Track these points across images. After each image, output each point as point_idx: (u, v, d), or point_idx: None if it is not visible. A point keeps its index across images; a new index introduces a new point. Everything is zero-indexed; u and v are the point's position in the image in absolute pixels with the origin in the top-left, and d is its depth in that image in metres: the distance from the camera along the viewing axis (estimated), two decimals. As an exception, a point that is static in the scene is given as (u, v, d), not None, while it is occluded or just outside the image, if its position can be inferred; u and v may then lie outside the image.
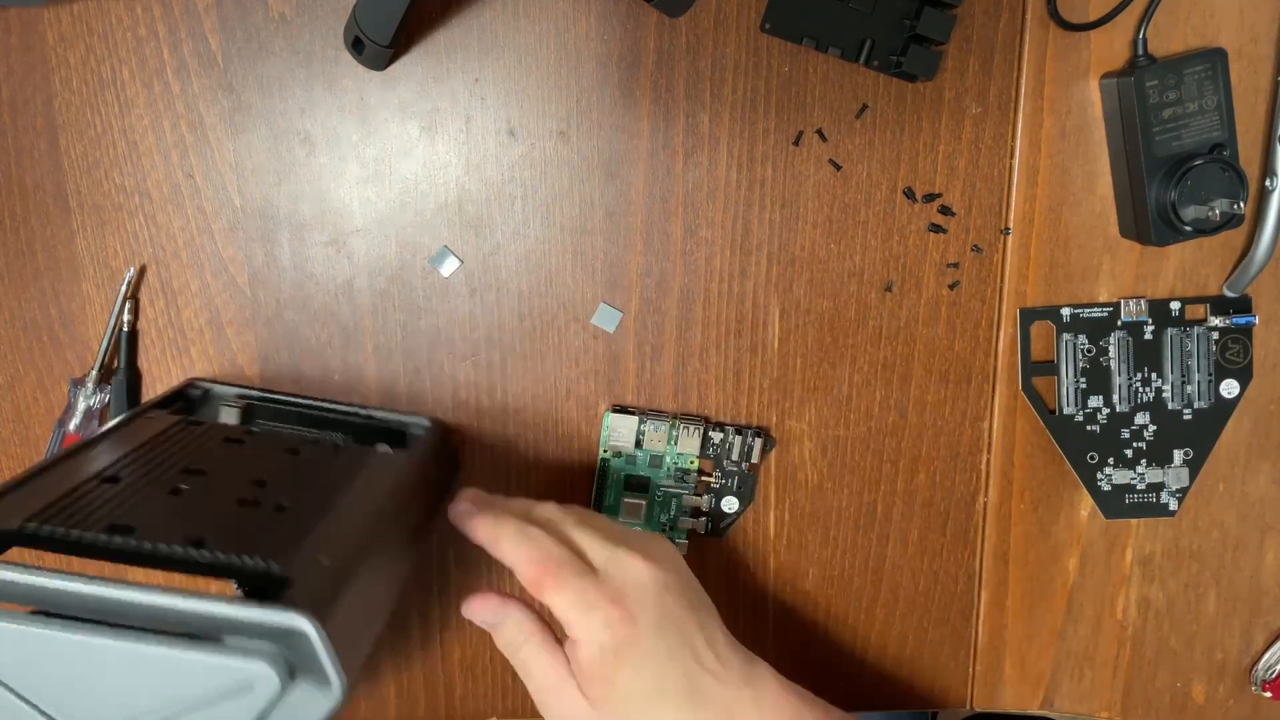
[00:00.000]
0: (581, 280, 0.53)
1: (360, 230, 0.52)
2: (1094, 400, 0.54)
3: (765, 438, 0.54)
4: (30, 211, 0.51)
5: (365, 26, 0.45)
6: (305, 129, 0.51)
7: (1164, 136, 0.49)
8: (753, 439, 0.53)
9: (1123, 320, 0.53)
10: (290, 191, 0.51)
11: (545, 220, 0.52)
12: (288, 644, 0.32)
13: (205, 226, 0.51)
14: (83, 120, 0.50)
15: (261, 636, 0.32)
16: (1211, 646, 0.57)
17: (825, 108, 0.51)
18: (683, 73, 0.50)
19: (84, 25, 0.49)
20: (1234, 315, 0.53)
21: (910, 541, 0.56)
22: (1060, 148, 0.52)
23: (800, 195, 0.52)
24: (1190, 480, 0.54)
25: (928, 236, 0.53)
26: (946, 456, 0.55)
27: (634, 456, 0.54)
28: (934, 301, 0.53)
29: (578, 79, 0.50)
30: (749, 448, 0.53)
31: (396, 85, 0.50)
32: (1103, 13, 0.50)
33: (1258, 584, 0.57)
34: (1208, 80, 0.49)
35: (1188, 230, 0.49)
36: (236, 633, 0.32)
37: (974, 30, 0.50)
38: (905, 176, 0.52)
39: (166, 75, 0.50)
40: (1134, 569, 0.56)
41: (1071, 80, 0.51)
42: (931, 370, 0.54)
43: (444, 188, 0.52)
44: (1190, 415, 0.54)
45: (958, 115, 0.51)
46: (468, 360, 0.53)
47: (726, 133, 0.51)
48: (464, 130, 0.51)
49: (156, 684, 0.32)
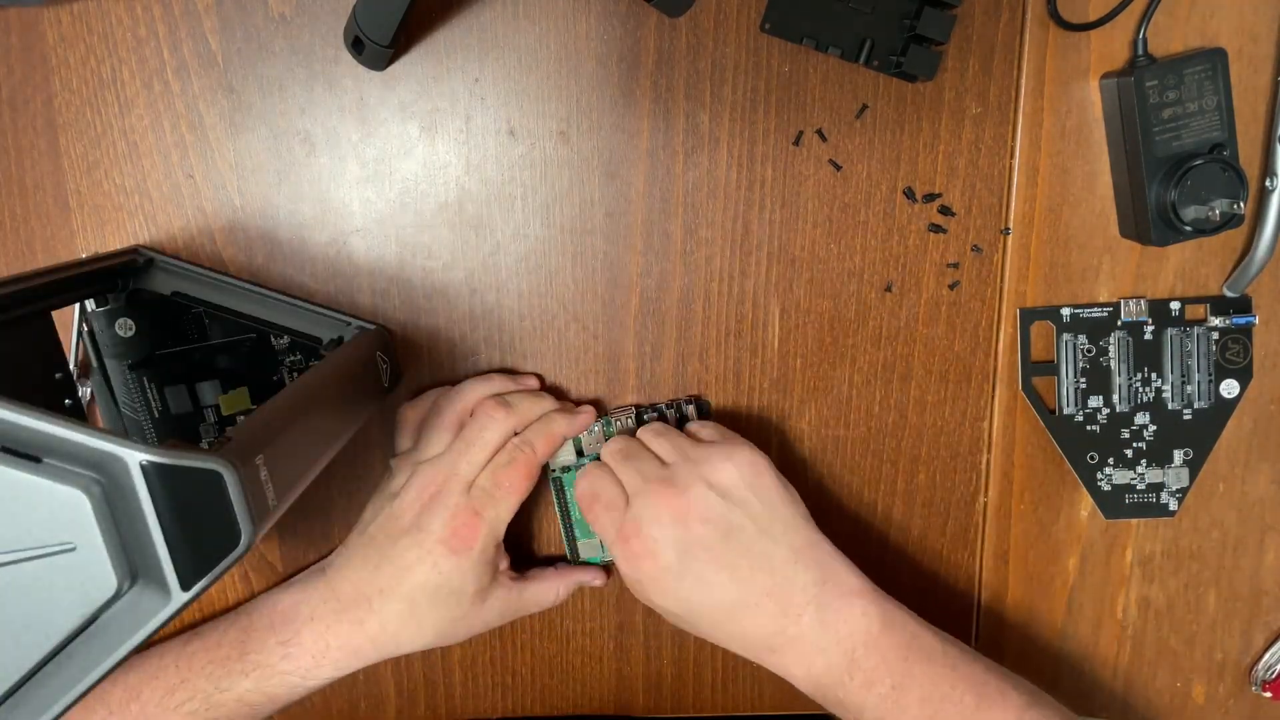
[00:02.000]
0: (581, 280, 0.53)
1: (360, 230, 0.52)
2: (1094, 400, 0.54)
3: (699, 403, 0.53)
4: (30, 211, 0.51)
5: (365, 26, 0.45)
6: (305, 129, 0.51)
7: (1164, 136, 0.49)
8: (685, 406, 0.53)
9: (1123, 320, 0.53)
10: (290, 191, 0.51)
11: (545, 220, 0.52)
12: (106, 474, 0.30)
13: (205, 226, 0.51)
14: (83, 120, 0.50)
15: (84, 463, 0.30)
16: (1211, 646, 0.57)
17: (825, 108, 0.51)
18: (683, 73, 0.50)
19: (84, 25, 0.49)
20: (1234, 315, 0.53)
21: (910, 541, 0.56)
22: (1060, 148, 0.52)
23: (800, 195, 0.52)
24: (1190, 480, 0.54)
25: (928, 236, 0.53)
26: (946, 456, 0.55)
27: (582, 465, 0.52)
28: (934, 301, 0.53)
29: (578, 79, 0.50)
30: (684, 418, 0.53)
31: (396, 85, 0.50)
32: (1103, 13, 0.50)
33: (1258, 584, 0.57)
34: (1208, 80, 0.49)
35: (1188, 230, 0.49)
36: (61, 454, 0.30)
37: (974, 30, 0.50)
38: (905, 176, 0.52)
39: (166, 75, 0.50)
40: (1134, 569, 0.56)
41: (1071, 80, 0.51)
42: (931, 370, 0.54)
43: (444, 188, 0.52)
44: (1190, 415, 0.54)
45: (958, 115, 0.51)
46: (468, 360, 0.53)
47: (726, 133, 0.51)
48: (464, 130, 0.51)
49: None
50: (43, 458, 0.30)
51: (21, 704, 0.31)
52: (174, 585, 0.31)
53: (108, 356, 0.48)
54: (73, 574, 0.30)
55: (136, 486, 0.30)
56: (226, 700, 0.48)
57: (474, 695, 0.57)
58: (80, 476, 0.30)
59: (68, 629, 0.30)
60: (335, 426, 0.43)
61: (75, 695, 0.31)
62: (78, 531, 0.30)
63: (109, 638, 0.31)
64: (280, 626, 0.48)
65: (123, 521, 0.30)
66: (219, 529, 0.31)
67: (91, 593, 0.30)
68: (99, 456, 0.30)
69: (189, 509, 0.30)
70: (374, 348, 0.49)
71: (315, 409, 0.41)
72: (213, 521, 0.31)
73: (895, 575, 0.56)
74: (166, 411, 0.49)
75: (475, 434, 0.49)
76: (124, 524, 0.30)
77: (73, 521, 0.29)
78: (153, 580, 0.31)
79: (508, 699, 0.57)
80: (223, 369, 0.51)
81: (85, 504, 0.29)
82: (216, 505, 0.31)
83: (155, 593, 0.31)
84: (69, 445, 0.30)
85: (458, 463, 0.48)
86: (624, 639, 0.57)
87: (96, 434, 0.30)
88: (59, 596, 0.30)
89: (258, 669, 0.48)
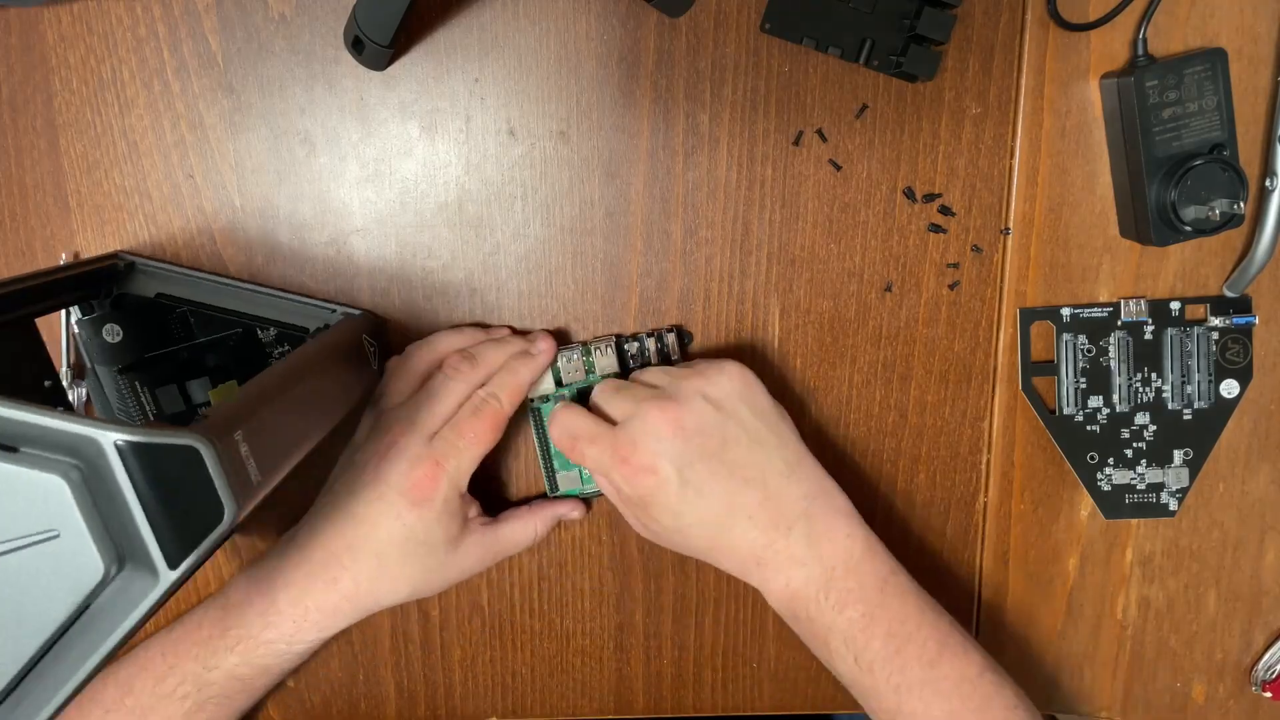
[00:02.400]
0: (581, 280, 0.53)
1: (360, 230, 0.52)
2: (1094, 400, 0.54)
3: (680, 332, 0.53)
4: (30, 211, 0.51)
5: (365, 26, 0.45)
6: (305, 129, 0.51)
7: (1164, 136, 0.49)
8: (667, 335, 0.52)
9: (1123, 320, 0.53)
10: (290, 191, 0.51)
11: (545, 220, 0.52)
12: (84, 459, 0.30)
13: (205, 227, 0.51)
14: (83, 120, 0.50)
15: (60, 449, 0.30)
16: (1211, 646, 0.57)
17: (825, 108, 0.51)
18: (683, 73, 0.50)
19: (84, 25, 0.49)
20: (1234, 315, 0.53)
21: (910, 541, 0.56)
22: (1060, 148, 0.52)
23: (800, 195, 0.52)
24: (1190, 480, 0.54)
25: (928, 236, 0.53)
26: (946, 456, 0.55)
27: (561, 395, 0.52)
28: (934, 301, 0.53)
29: (578, 79, 0.50)
30: (665, 347, 0.52)
31: (396, 85, 0.50)
32: (1103, 13, 0.50)
33: (1258, 584, 0.57)
34: (1208, 80, 0.49)
35: (1188, 230, 0.49)
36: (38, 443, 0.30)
37: (974, 30, 0.50)
38: (905, 176, 0.52)
39: (166, 75, 0.50)
40: (1134, 569, 0.56)
41: (1071, 80, 0.51)
42: (931, 370, 0.54)
43: (444, 188, 0.52)
44: (1190, 415, 0.54)
45: (958, 115, 0.51)
46: (468, 360, 0.53)
47: (726, 133, 0.51)
48: (464, 130, 0.51)
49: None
50: (19, 447, 0.30)
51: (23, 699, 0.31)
52: (161, 565, 0.30)
53: (98, 363, 0.48)
54: (59, 561, 0.30)
55: (114, 468, 0.30)
56: (217, 679, 0.48)
57: (474, 695, 0.57)
58: (58, 463, 0.29)
59: (60, 618, 0.30)
60: (321, 405, 0.43)
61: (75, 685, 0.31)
62: (60, 518, 0.29)
63: (103, 624, 0.31)
64: (257, 598, 0.48)
65: (104, 505, 0.30)
66: (202, 506, 0.31)
67: (80, 579, 0.30)
68: (74, 441, 0.29)
69: (169, 487, 0.30)
70: (359, 331, 0.49)
71: (297, 388, 0.40)
72: (195, 499, 0.31)
73: (895, 575, 0.56)
74: (160, 413, 0.49)
75: (439, 385, 0.49)
76: (106, 507, 0.30)
77: (54, 508, 0.29)
78: (140, 562, 0.30)
79: (508, 699, 0.57)
80: (212, 366, 0.51)
81: (65, 489, 0.29)
82: (197, 482, 0.31)
83: (144, 575, 0.30)
84: (44, 432, 0.29)
85: (416, 414, 0.48)
86: (624, 639, 0.57)
87: (70, 418, 0.29)
88: (48, 585, 0.30)
89: (241, 642, 0.48)
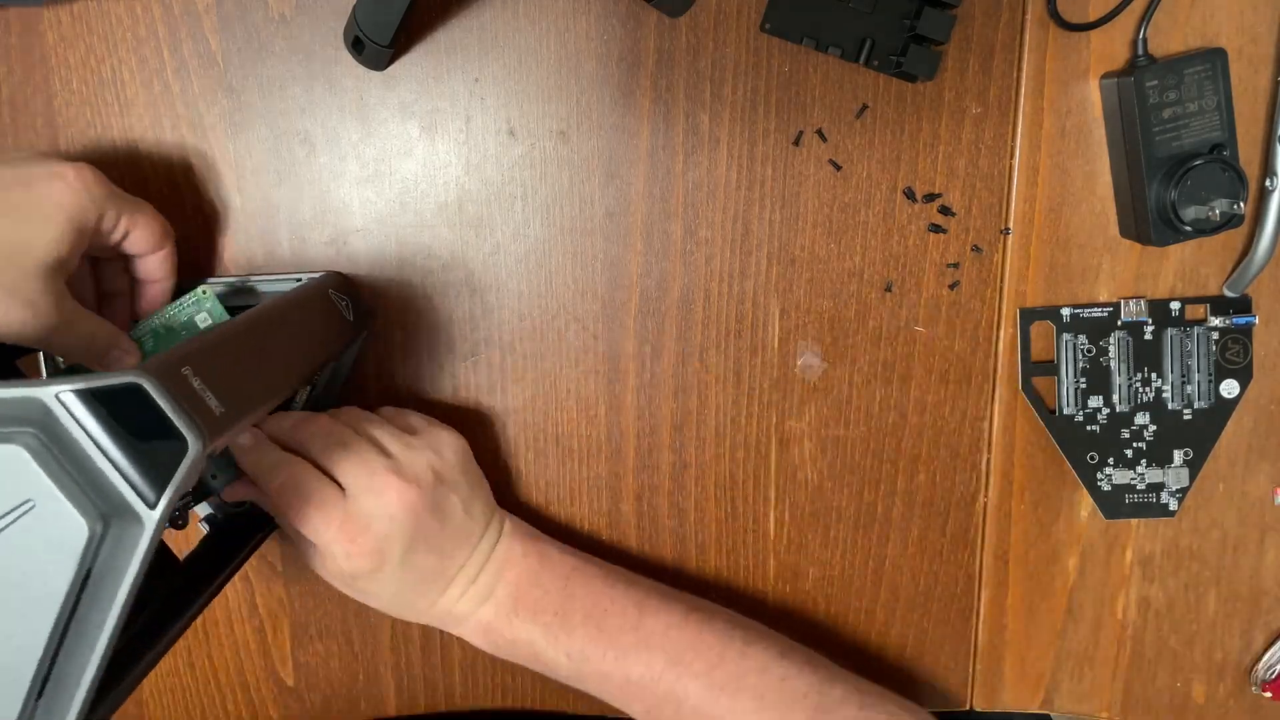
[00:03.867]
0: (581, 280, 0.53)
1: (360, 230, 0.52)
2: (1094, 400, 0.54)
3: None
4: (30, 211, 0.51)
5: (365, 26, 0.45)
6: (305, 129, 0.51)
7: (1164, 136, 0.49)
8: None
9: (1123, 320, 0.53)
10: (290, 191, 0.51)
11: (545, 220, 0.52)
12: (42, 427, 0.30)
13: (205, 226, 0.51)
14: (83, 120, 0.50)
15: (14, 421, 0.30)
16: (1211, 646, 0.57)
17: (825, 108, 0.51)
18: (683, 73, 0.50)
19: (84, 25, 0.49)
20: (1234, 315, 0.53)
21: (910, 541, 0.56)
22: (1060, 148, 0.52)
23: (800, 195, 0.52)
24: (1190, 480, 0.54)
25: (928, 236, 0.53)
26: (946, 456, 0.55)
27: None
28: (934, 301, 0.53)
29: (578, 79, 0.50)
30: None
31: (396, 85, 0.50)
32: (1103, 13, 0.50)
33: (1258, 584, 0.57)
34: (1208, 80, 0.49)
35: (1188, 230, 0.49)
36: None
37: (974, 30, 0.50)
38: (905, 176, 0.52)
39: (166, 75, 0.50)
40: (1134, 569, 0.56)
41: (1071, 80, 0.51)
42: (931, 370, 0.54)
43: (444, 188, 0.52)
44: (1190, 415, 0.54)
45: (958, 115, 0.51)
46: (468, 360, 0.53)
47: (726, 133, 0.51)
48: (464, 130, 0.51)
49: None
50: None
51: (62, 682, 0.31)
52: (141, 508, 0.30)
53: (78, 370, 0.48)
54: (44, 529, 0.29)
55: (64, 423, 0.29)
56: None
57: (474, 695, 0.57)
58: (15, 434, 0.29)
59: (63, 588, 0.30)
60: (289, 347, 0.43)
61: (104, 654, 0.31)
62: (30, 486, 0.29)
63: (109, 585, 0.31)
64: None
65: (70, 463, 0.30)
66: (163, 441, 0.31)
67: (67, 541, 0.29)
68: (21, 406, 0.29)
69: (125, 429, 0.30)
70: (324, 286, 0.49)
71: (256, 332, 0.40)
72: (154, 435, 0.30)
73: (895, 575, 0.56)
74: None
75: None
76: (72, 465, 0.30)
77: (22, 478, 0.29)
78: (122, 513, 0.30)
79: (508, 699, 0.57)
80: None
81: (25, 456, 0.29)
82: (150, 418, 0.30)
83: (130, 524, 0.30)
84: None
85: None
86: (624, 639, 0.57)
87: (8, 384, 0.29)
88: (40, 557, 0.30)
89: None
